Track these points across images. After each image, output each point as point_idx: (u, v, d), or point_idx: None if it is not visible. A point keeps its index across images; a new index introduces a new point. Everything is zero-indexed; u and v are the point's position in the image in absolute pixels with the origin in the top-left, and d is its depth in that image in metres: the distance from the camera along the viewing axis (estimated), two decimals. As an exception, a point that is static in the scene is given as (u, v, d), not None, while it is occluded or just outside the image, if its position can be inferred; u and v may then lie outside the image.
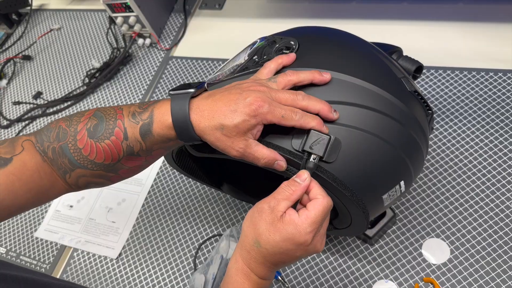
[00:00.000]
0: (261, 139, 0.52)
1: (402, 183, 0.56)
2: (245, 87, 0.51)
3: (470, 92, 0.83)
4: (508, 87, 0.81)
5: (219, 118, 0.49)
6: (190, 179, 0.91)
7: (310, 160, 0.50)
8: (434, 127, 0.81)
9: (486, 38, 0.89)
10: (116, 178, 0.57)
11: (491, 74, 0.84)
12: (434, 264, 0.69)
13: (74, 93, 1.17)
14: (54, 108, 1.16)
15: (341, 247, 0.75)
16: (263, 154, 0.51)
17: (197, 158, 0.70)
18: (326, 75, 0.53)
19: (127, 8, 1.09)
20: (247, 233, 0.50)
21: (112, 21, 1.22)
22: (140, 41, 1.17)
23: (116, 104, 1.10)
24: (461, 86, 0.84)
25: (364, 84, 0.54)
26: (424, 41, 0.91)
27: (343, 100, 0.53)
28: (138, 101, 1.08)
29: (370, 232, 0.71)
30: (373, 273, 0.71)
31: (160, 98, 1.06)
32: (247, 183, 0.74)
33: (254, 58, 0.61)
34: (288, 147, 0.52)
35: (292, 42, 0.59)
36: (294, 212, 0.48)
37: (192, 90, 0.52)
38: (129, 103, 1.09)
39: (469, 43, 0.89)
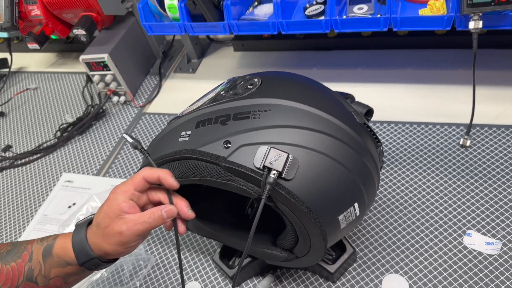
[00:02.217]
0: (225, 158, 0.56)
1: (356, 205, 0.60)
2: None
3: (416, 139, 0.91)
4: (446, 137, 0.90)
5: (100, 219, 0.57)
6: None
7: (270, 175, 0.54)
8: (388, 172, 0.87)
9: (429, 97, 0.99)
10: None
11: (430, 126, 0.93)
12: (393, 299, 0.70)
13: (45, 145, 1.18)
14: (23, 160, 1.17)
15: (304, 286, 0.75)
16: (145, 215, 0.56)
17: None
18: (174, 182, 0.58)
19: (105, 66, 1.16)
20: None
21: (89, 79, 1.28)
22: (115, 98, 1.23)
23: (83, 157, 1.12)
24: (408, 135, 0.92)
25: (319, 113, 0.59)
26: (377, 100, 1.00)
27: (301, 125, 0.58)
28: (107, 155, 1.11)
29: (332, 268, 0.72)
30: (335, 310, 0.71)
31: (129, 153, 1.09)
32: (213, 217, 0.75)
33: (221, 93, 0.66)
34: (250, 166, 0.55)
35: (256, 80, 0.65)
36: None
37: (92, 216, 0.60)
38: (98, 156, 1.11)
39: (414, 101, 0.99)
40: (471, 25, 0.74)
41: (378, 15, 0.85)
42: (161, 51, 1.33)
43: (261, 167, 0.55)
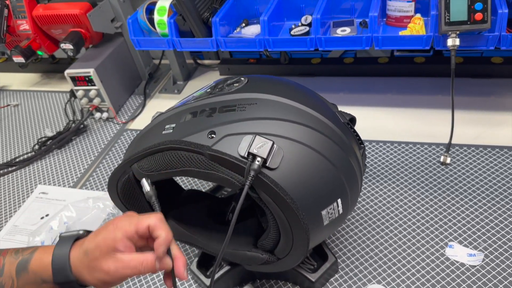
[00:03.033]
0: (209, 147, 0.56)
1: (339, 201, 0.59)
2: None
3: (397, 157, 0.92)
4: (426, 155, 0.91)
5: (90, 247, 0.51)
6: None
7: (255, 162, 0.53)
8: (370, 187, 0.87)
9: (409, 119, 1.02)
10: None
11: (410, 145, 0.95)
12: (376, 309, 0.68)
13: (21, 158, 1.15)
14: (-3, 173, 1.13)
15: (284, 297, 0.72)
16: (137, 260, 0.50)
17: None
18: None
19: (90, 81, 1.16)
20: None
21: (72, 94, 1.27)
22: (97, 114, 1.22)
23: (60, 170, 1.09)
24: (389, 153, 0.93)
25: (306, 109, 0.60)
26: (358, 121, 1.01)
27: (287, 118, 0.58)
28: (85, 168, 1.08)
29: (313, 277, 0.70)
30: (316, 320, 0.68)
31: (108, 166, 1.07)
32: (193, 221, 0.73)
33: (207, 90, 0.67)
34: (234, 154, 0.55)
35: (242, 78, 0.66)
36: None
37: (81, 232, 0.55)
38: (76, 169, 1.08)
39: (395, 122, 1.02)
40: (449, 42, 0.78)
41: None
42: (147, 73, 1.34)
43: (245, 155, 0.54)
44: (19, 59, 1.20)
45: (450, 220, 0.78)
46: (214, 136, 0.57)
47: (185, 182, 0.97)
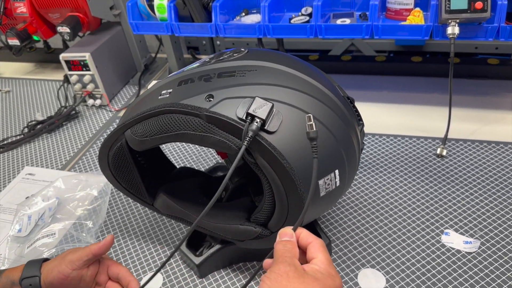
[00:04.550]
0: (207, 109, 0.54)
1: (337, 172, 0.58)
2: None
3: (394, 149, 0.92)
4: (423, 148, 0.91)
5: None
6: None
7: (253, 123, 0.52)
8: (365, 177, 0.86)
9: (406, 115, 1.01)
10: None
11: (406, 138, 0.95)
12: (370, 292, 0.66)
13: (9, 140, 1.12)
14: (-18, 154, 1.10)
15: (275, 279, 0.70)
16: None
17: (136, 158, 0.68)
18: None
19: (85, 66, 1.15)
20: None
21: (66, 80, 1.25)
22: (90, 101, 1.20)
23: (48, 154, 1.06)
24: (385, 145, 0.92)
25: (308, 79, 0.59)
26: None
27: (288, 85, 0.57)
28: (74, 152, 1.06)
29: (306, 258, 0.68)
30: (307, 302, 0.66)
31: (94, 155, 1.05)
32: (185, 197, 0.71)
33: (206, 60, 0.66)
34: (232, 116, 0.53)
35: (243, 49, 0.65)
36: (311, 263, 0.45)
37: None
38: (64, 154, 1.06)
39: (392, 118, 1.01)
40: (449, 30, 0.78)
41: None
42: (143, 64, 1.33)
43: (244, 117, 0.53)
44: (14, 41, 1.19)
45: (446, 209, 0.77)
46: (212, 99, 0.56)
47: (179, 162, 0.95)
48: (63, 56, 1.15)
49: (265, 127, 0.53)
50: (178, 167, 0.80)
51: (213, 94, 0.56)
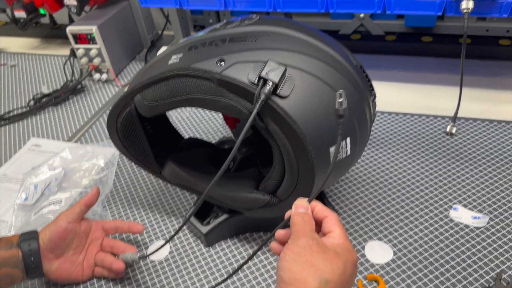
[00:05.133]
0: (218, 73, 0.53)
1: (348, 140, 0.57)
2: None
3: (402, 126, 0.91)
4: (432, 126, 0.90)
5: None
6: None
7: (266, 86, 0.51)
8: (374, 153, 0.85)
9: (415, 94, 1.00)
10: None
11: (416, 116, 0.94)
12: (377, 264, 0.65)
13: (15, 112, 1.12)
14: (-12, 125, 1.09)
15: (281, 250, 0.70)
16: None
17: (145, 125, 0.67)
18: None
19: (91, 39, 1.14)
20: (304, 279, 0.41)
21: (72, 53, 1.24)
22: (97, 75, 1.19)
23: (55, 126, 1.06)
24: (394, 123, 0.92)
25: (321, 45, 0.58)
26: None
27: (301, 50, 0.56)
28: (81, 125, 1.05)
29: (313, 230, 0.68)
30: (314, 273, 0.65)
31: (105, 124, 1.04)
32: (193, 166, 0.70)
33: (216, 27, 0.65)
34: (244, 79, 0.53)
35: (254, 16, 0.64)
36: (328, 237, 0.45)
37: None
38: (70, 126, 1.05)
39: (401, 97, 1.00)
40: (463, 5, 0.77)
41: (373, -2, 0.87)
42: (149, 40, 1.32)
43: (256, 81, 0.52)
44: (20, 13, 1.18)
45: (454, 185, 0.76)
46: (224, 63, 0.55)
47: (185, 136, 0.95)
48: (69, 29, 1.13)
49: (277, 92, 0.52)
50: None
51: (225, 58, 0.55)
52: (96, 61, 1.16)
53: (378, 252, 0.67)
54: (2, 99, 1.20)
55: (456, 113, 0.87)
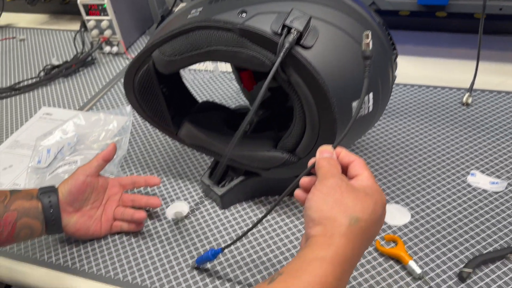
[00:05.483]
0: (240, 23, 0.52)
1: (371, 95, 0.57)
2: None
3: (418, 97, 0.91)
4: (448, 97, 0.89)
5: None
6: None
7: (290, 35, 0.50)
8: (390, 123, 0.84)
9: (429, 68, 0.99)
10: None
11: (431, 88, 0.93)
12: (395, 226, 0.65)
13: (25, 83, 1.11)
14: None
15: (299, 212, 0.69)
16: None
17: (161, 87, 0.67)
18: None
19: (103, 11, 1.13)
20: (334, 217, 0.40)
21: (83, 26, 1.23)
22: (107, 48, 1.18)
23: (64, 97, 1.05)
24: (411, 94, 0.91)
25: (347, 1, 0.57)
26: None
27: (326, 3, 0.55)
28: (92, 94, 1.05)
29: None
30: (331, 234, 0.65)
31: (116, 94, 1.04)
32: (209, 126, 0.70)
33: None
34: (267, 30, 0.52)
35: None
36: (357, 180, 0.44)
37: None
38: (82, 96, 1.05)
39: (416, 69, 0.99)
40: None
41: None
42: (159, 14, 1.31)
43: (279, 31, 0.51)
44: (31, -16, 1.17)
45: (471, 152, 0.76)
46: (246, 14, 0.54)
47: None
48: (81, 0, 1.12)
49: (301, 42, 0.51)
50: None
51: (246, 9, 0.55)
52: (107, 33, 1.15)
53: (395, 215, 0.67)
54: (12, 71, 1.19)
55: (473, 83, 0.86)
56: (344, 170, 0.46)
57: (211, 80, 1.04)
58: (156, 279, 0.61)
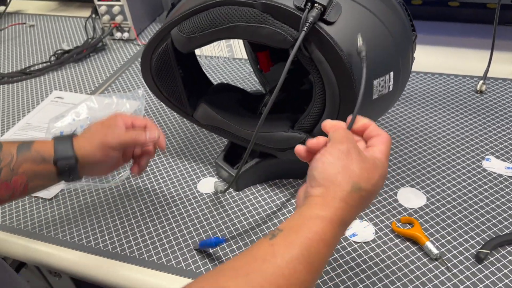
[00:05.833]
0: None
1: (392, 74, 0.56)
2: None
3: (433, 86, 0.90)
4: (462, 85, 0.89)
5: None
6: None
7: (314, 9, 0.50)
8: (406, 110, 0.84)
9: (442, 56, 0.99)
10: None
11: (444, 76, 0.93)
12: (411, 208, 0.65)
13: (36, 67, 1.11)
14: (10, 79, 1.08)
15: (312, 194, 0.69)
16: (133, 132, 0.57)
17: (179, 65, 0.67)
18: None
19: (114, -4, 1.12)
20: (338, 182, 0.40)
21: (94, 11, 1.23)
22: (118, 34, 1.18)
23: (75, 81, 1.05)
24: (425, 82, 0.91)
25: None
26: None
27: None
28: (103, 79, 1.05)
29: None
30: (346, 216, 0.65)
31: (128, 80, 1.03)
32: (225, 108, 0.70)
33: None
34: (290, 4, 0.52)
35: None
36: (369, 150, 0.44)
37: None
38: (93, 81, 1.04)
39: (429, 58, 0.99)
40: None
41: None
42: (170, 2, 1.30)
43: (302, 5, 0.51)
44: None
45: (486, 138, 0.76)
46: (267, -9, 0.54)
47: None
48: (92, -16, 1.12)
49: (325, 17, 0.51)
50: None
51: (267, -13, 0.54)
52: (118, 18, 1.15)
53: (411, 198, 0.67)
54: (22, 55, 1.19)
55: (487, 71, 0.86)
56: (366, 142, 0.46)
57: (225, 63, 1.04)
58: (162, 255, 0.61)
